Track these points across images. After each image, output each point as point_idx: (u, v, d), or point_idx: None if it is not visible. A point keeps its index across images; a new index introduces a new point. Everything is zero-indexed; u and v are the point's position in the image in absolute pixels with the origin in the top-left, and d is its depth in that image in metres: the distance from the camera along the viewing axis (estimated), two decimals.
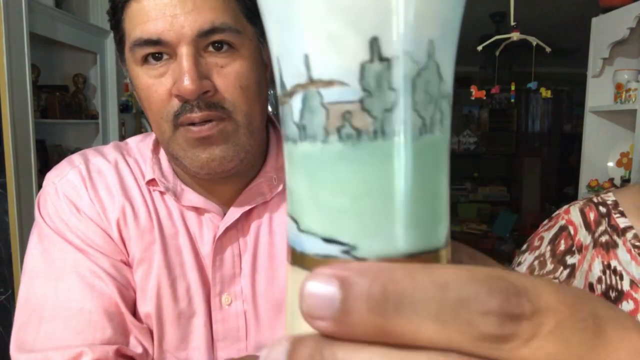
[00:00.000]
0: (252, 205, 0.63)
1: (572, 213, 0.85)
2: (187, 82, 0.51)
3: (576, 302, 0.13)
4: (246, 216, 0.64)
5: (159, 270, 0.60)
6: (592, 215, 0.84)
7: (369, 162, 0.14)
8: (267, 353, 0.14)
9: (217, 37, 0.53)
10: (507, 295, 0.12)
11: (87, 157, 0.64)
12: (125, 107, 2.76)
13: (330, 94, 0.14)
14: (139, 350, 0.58)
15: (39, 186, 1.91)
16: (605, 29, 1.99)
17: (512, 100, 4.08)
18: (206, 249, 0.62)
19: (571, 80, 4.33)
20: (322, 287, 0.13)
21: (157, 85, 0.54)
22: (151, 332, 0.61)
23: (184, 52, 0.52)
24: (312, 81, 0.15)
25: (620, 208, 0.85)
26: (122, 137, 2.69)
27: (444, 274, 0.13)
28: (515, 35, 2.15)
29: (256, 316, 0.63)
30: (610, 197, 0.87)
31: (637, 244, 0.80)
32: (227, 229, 0.62)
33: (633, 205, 0.85)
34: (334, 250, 0.15)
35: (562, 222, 0.84)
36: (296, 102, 0.15)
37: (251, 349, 0.63)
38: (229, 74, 0.54)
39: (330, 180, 0.15)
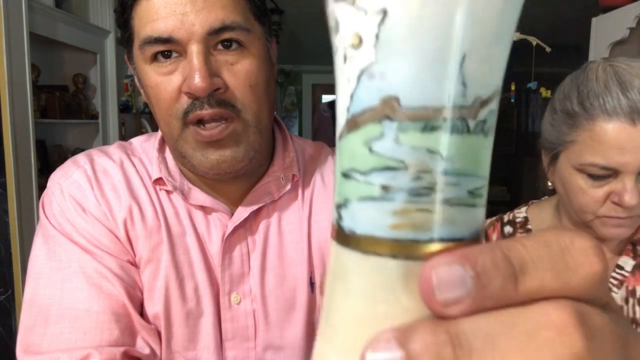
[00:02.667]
0: (261, 205, 0.63)
1: None
2: (198, 80, 0.51)
3: None
4: (255, 215, 0.64)
5: (167, 270, 0.59)
6: (494, 238, 0.77)
7: None
8: (372, 354, 0.14)
9: (227, 35, 0.53)
10: (589, 236, 0.15)
11: (92, 157, 0.63)
12: (125, 107, 2.76)
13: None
14: (147, 351, 0.57)
15: (39, 186, 1.91)
16: (605, 29, 1.99)
17: (512, 100, 4.08)
18: (214, 248, 0.62)
19: None
20: (451, 271, 0.14)
21: (166, 82, 0.54)
22: (159, 333, 0.60)
23: (194, 50, 0.52)
24: (497, 93, 0.16)
25: (529, 226, 0.78)
26: (122, 137, 2.69)
27: (538, 234, 0.15)
28: (515, 35, 2.15)
29: (265, 315, 0.63)
30: (521, 214, 0.80)
31: None
32: (236, 228, 0.62)
33: (544, 222, 0.78)
34: None
35: None
36: (484, 112, 0.16)
37: (260, 348, 0.63)
38: (239, 72, 0.54)
39: None
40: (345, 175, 0.16)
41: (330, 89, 5.88)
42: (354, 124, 0.16)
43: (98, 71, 2.55)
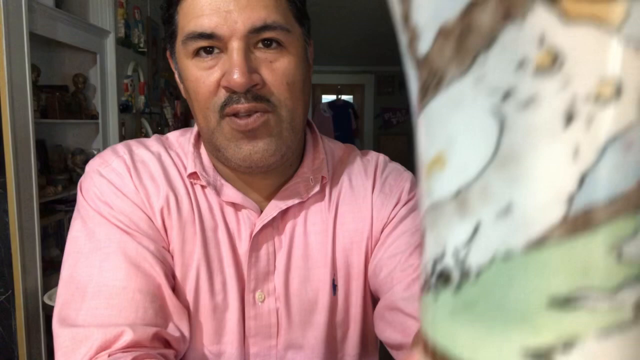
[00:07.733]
0: (289, 205, 0.64)
1: None
2: (237, 75, 0.53)
3: None
4: (282, 215, 0.65)
5: (199, 262, 0.61)
6: None
7: None
8: None
9: (267, 34, 0.55)
10: None
11: (131, 148, 0.65)
12: (125, 107, 2.76)
13: None
14: (177, 334, 0.59)
15: (39, 186, 1.91)
16: None
17: None
18: (243, 245, 0.63)
19: None
20: None
21: (205, 77, 0.56)
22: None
23: (235, 47, 0.54)
24: None
25: None
26: (122, 137, 2.69)
27: None
28: None
29: (288, 314, 0.64)
30: None
31: None
32: (264, 227, 0.63)
33: None
34: None
35: None
36: None
37: (281, 346, 0.64)
38: (277, 69, 0.56)
39: None
40: (564, 303, 0.11)
41: (331, 89, 5.88)
42: (586, 221, 0.11)
43: (98, 71, 2.55)
